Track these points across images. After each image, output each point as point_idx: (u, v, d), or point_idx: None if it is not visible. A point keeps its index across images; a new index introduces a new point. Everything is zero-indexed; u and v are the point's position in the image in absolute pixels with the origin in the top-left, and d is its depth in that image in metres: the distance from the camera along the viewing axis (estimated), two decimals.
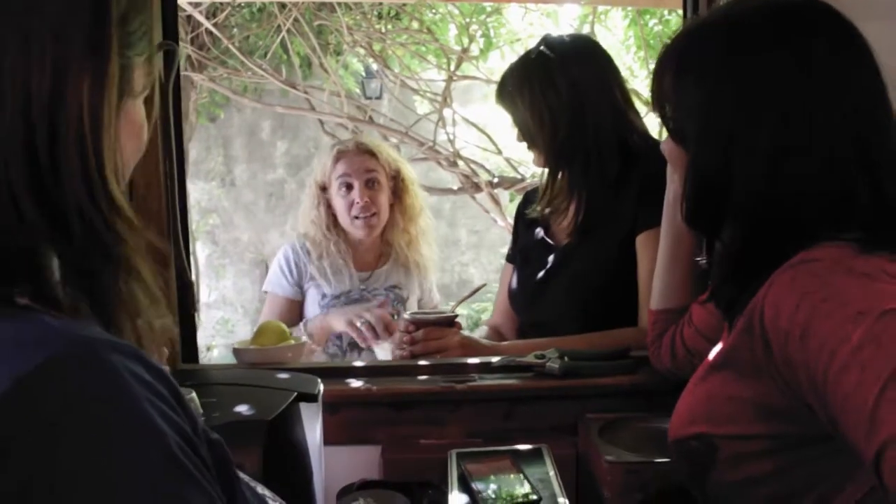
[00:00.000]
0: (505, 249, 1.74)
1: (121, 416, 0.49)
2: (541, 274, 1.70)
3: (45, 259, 0.55)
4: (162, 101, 1.40)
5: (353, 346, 2.11)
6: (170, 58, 1.41)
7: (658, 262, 1.31)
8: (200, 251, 6.56)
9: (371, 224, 2.19)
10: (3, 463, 0.46)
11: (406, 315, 1.67)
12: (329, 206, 2.23)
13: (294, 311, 2.20)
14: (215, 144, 6.72)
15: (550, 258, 1.70)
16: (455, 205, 6.79)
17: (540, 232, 1.75)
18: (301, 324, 2.10)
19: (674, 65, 0.99)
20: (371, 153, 2.22)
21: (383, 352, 1.99)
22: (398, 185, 2.27)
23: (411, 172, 2.32)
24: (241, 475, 0.70)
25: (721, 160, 0.92)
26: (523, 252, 1.79)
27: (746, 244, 0.92)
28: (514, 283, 1.78)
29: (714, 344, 1.01)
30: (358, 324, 1.95)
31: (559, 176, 1.70)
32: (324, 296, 2.18)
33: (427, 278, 2.32)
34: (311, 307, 2.19)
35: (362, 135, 2.42)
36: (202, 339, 5.89)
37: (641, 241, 1.55)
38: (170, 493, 0.49)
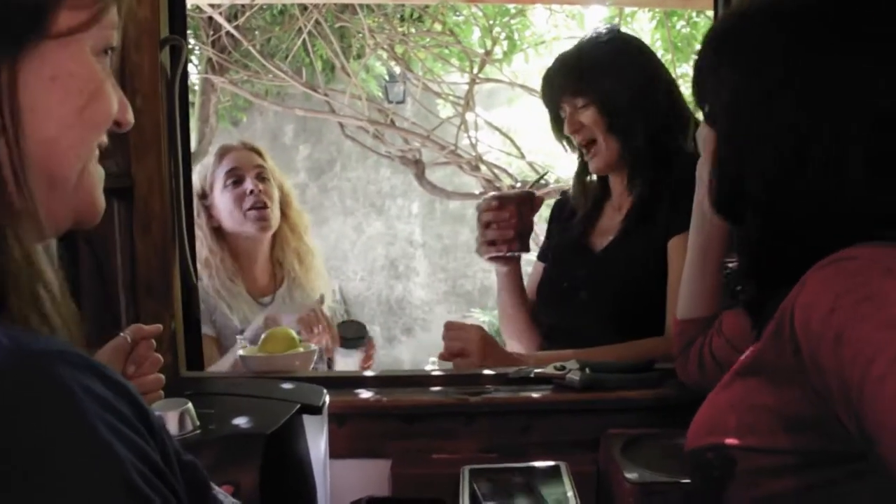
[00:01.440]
0: (528, 255, 1.68)
1: (71, 441, 0.42)
2: (570, 277, 1.63)
3: None
4: (168, 100, 1.35)
5: None
6: (176, 54, 1.37)
7: (685, 268, 1.24)
8: None
9: (265, 216, 1.97)
10: None
11: (489, 194, 1.60)
12: (210, 217, 1.99)
13: (213, 350, 1.88)
14: None
15: (583, 261, 1.63)
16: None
17: (575, 234, 1.68)
18: (240, 338, 1.79)
19: (719, 49, 0.94)
20: (258, 152, 2.06)
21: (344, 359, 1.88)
22: (284, 199, 2.07)
23: (293, 189, 2.16)
24: (225, 499, 0.64)
25: (750, 150, 0.87)
26: (556, 251, 1.73)
27: (766, 237, 0.86)
28: (543, 283, 1.71)
29: None
30: (316, 328, 1.80)
31: (621, 172, 1.63)
32: (241, 330, 1.89)
33: (320, 298, 2.05)
34: (231, 345, 1.87)
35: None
36: None
37: (673, 246, 1.47)
38: None
